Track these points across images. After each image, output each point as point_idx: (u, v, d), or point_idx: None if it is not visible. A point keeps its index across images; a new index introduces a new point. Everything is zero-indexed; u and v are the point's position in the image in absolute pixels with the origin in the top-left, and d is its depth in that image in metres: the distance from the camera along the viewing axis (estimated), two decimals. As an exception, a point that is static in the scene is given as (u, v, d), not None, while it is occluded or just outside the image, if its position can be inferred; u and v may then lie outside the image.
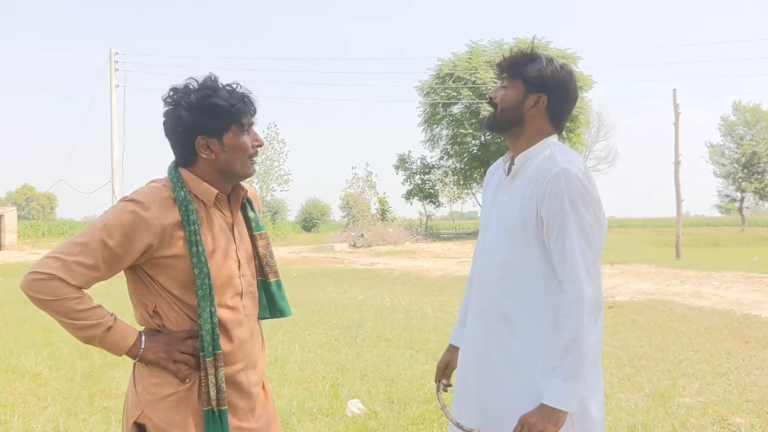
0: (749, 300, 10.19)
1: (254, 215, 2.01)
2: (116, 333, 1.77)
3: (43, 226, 53.01)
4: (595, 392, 1.96)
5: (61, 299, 1.71)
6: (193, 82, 1.85)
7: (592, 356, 1.90)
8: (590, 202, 1.86)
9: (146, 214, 1.76)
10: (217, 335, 1.80)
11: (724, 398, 4.77)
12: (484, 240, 2.07)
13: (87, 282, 1.75)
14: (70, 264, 1.71)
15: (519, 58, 2.01)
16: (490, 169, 2.22)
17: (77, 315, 1.73)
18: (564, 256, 1.84)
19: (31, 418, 4.43)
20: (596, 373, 1.97)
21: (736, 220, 58.09)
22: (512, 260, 1.93)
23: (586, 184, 1.86)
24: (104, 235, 1.73)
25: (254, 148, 1.90)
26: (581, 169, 1.90)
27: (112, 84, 25.97)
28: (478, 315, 2.05)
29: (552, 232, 1.86)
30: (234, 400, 1.87)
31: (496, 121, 2.03)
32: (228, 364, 1.85)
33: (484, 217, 2.11)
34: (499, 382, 1.95)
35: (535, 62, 1.99)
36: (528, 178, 1.94)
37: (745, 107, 51.38)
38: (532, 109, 1.98)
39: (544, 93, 1.98)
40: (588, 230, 1.85)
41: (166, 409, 1.79)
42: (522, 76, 1.99)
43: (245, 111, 1.86)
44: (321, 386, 5.16)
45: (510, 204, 1.97)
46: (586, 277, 1.83)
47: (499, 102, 2.02)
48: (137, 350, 1.79)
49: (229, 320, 1.86)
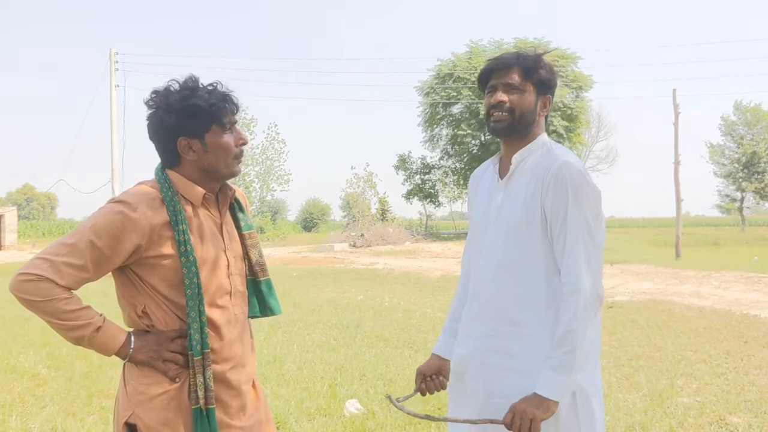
0: (749, 300, 10.19)
1: (243, 215, 2.02)
2: (105, 333, 1.77)
3: (44, 226, 53.07)
4: (598, 390, 1.96)
5: (50, 300, 1.71)
6: (174, 84, 1.86)
7: (591, 351, 1.90)
8: (592, 195, 1.87)
9: (134, 214, 1.77)
10: (206, 334, 1.81)
11: (722, 398, 4.77)
12: (481, 241, 2.03)
13: (76, 283, 1.75)
14: (58, 265, 1.72)
15: (532, 60, 1.98)
16: (477, 172, 2.20)
17: (66, 315, 1.73)
18: (565, 248, 1.85)
19: (29, 418, 4.43)
20: (595, 375, 1.96)
21: (736, 220, 58.11)
22: (514, 259, 1.92)
23: (587, 178, 1.88)
24: (92, 236, 1.73)
25: (238, 146, 1.90)
26: (581, 163, 1.92)
27: (112, 84, 25.96)
28: (476, 317, 2.02)
29: (555, 225, 1.87)
30: (224, 398, 1.87)
31: (514, 127, 1.97)
32: (217, 362, 1.86)
33: (479, 219, 2.07)
34: (500, 385, 1.93)
35: (542, 62, 1.99)
36: (528, 175, 1.94)
37: (746, 107, 51.36)
38: (541, 110, 2.01)
39: (549, 94, 2.01)
40: (591, 222, 1.86)
41: (157, 409, 1.80)
42: (536, 79, 1.98)
43: (225, 110, 1.86)
44: (319, 386, 5.16)
45: (511, 202, 1.95)
46: (586, 270, 1.83)
47: (516, 107, 1.96)
48: (127, 350, 1.80)
49: (218, 319, 1.87)
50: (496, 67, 2.00)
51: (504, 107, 1.96)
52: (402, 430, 4.12)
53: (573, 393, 1.88)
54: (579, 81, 34.24)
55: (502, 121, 1.96)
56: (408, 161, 39.90)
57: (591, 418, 1.90)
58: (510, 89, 1.96)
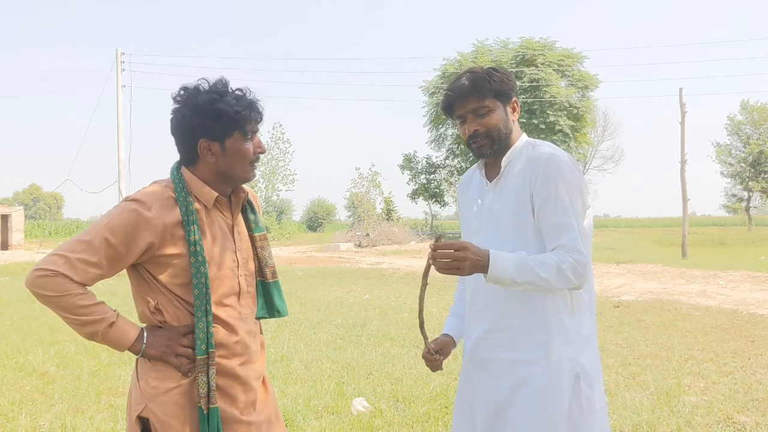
0: (756, 299, 10.15)
1: (254, 217, 2.03)
2: (119, 329, 1.81)
3: (50, 226, 53.23)
4: (596, 380, 1.97)
5: (65, 295, 1.74)
6: (204, 84, 1.87)
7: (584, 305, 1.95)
8: (581, 184, 1.93)
9: (148, 213, 1.79)
10: (211, 334, 1.83)
11: (729, 397, 4.76)
12: (475, 242, 2.01)
13: (90, 279, 1.78)
14: (73, 261, 1.75)
15: (483, 79, 1.97)
16: (463, 179, 2.24)
17: (80, 311, 1.76)
18: (560, 234, 1.87)
19: (38, 416, 4.46)
20: (596, 358, 2.00)
21: (743, 220, 57.89)
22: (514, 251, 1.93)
23: (574, 169, 1.93)
24: (107, 234, 1.77)
25: (255, 154, 1.92)
26: (567, 155, 1.97)
27: (119, 84, 26.04)
28: (478, 316, 2.06)
29: (544, 214, 1.89)
30: (234, 393, 1.89)
31: (498, 147, 2.01)
32: (228, 357, 1.88)
33: (471, 221, 2.10)
34: (505, 378, 1.95)
35: (491, 75, 1.98)
36: (516, 172, 1.97)
37: (753, 106, 51.17)
38: (512, 115, 2.03)
39: (514, 97, 2.03)
40: (580, 209, 1.90)
41: (169, 403, 1.82)
42: (493, 92, 1.98)
43: (250, 118, 1.87)
44: (326, 384, 5.18)
45: (502, 201, 1.98)
46: (587, 253, 1.88)
47: (492, 129, 1.98)
48: (139, 345, 1.83)
49: (227, 317, 1.89)
50: (454, 99, 2.01)
51: (480, 134, 1.99)
52: (409, 428, 4.13)
53: (576, 374, 1.91)
54: (585, 80, 34.19)
55: (485, 146, 2.00)
56: (413, 161, 39.91)
57: (591, 409, 1.92)
58: (477, 114, 1.98)
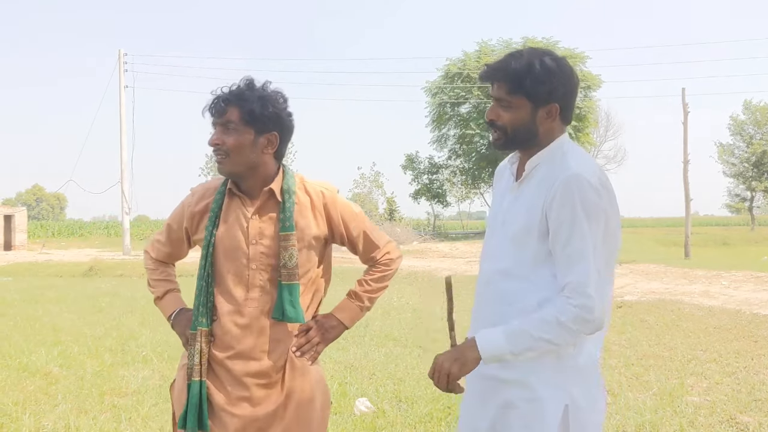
0: (758, 299, 10.14)
1: (283, 216, 2.01)
2: (161, 304, 2.18)
3: (53, 226, 53.26)
4: (597, 411, 1.87)
5: (147, 269, 2.21)
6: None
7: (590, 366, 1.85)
8: (607, 208, 1.76)
9: (186, 201, 2.12)
10: (201, 313, 2.02)
11: (732, 397, 4.75)
12: (488, 245, 2.00)
13: (162, 256, 2.20)
14: (154, 241, 2.21)
15: (515, 70, 1.80)
16: (499, 169, 2.09)
17: (150, 282, 2.20)
18: (571, 266, 1.73)
19: (42, 416, 4.47)
20: (594, 391, 1.89)
21: (746, 220, 57.80)
22: (512, 268, 1.85)
23: (600, 191, 1.75)
24: (170, 219, 2.16)
25: (210, 145, 2.01)
26: (595, 173, 1.78)
27: (121, 85, 26.11)
28: (479, 318, 1.99)
29: (559, 241, 1.75)
30: (224, 384, 2.01)
31: (509, 144, 1.88)
32: (217, 348, 2.01)
33: (491, 221, 2.02)
34: (492, 397, 1.89)
35: (532, 70, 1.79)
36: (537, 182, 1.84)
37: (756, 106, 51.05)
38: (545, 120, 1.84)
39: (554, 103, 1.82)
40: (600, 238, 1.74)
41: (180, 377, 2.09)
42: (525, 92, 1.80)
43: (211, 112, 1.99)
44: (329, 384, 5.15)
45: (516, 209, 1.88)
46: (595, 292, 1.71)
47: (507, 125, 1.84)
48: (171, 322, 2.15)
49: (222, 307, 2.00)
50: (486, 77, 1.87)
51: (496, 125, 1.86)
52: (412, 429, 4.13)
53: (565, 406, 1.79)
54: (587, 80, 34.19)
55: (498, 139, 1.88)
56: (415, 161, 39.93)
57: None
58: (500, 104, 1.84)
